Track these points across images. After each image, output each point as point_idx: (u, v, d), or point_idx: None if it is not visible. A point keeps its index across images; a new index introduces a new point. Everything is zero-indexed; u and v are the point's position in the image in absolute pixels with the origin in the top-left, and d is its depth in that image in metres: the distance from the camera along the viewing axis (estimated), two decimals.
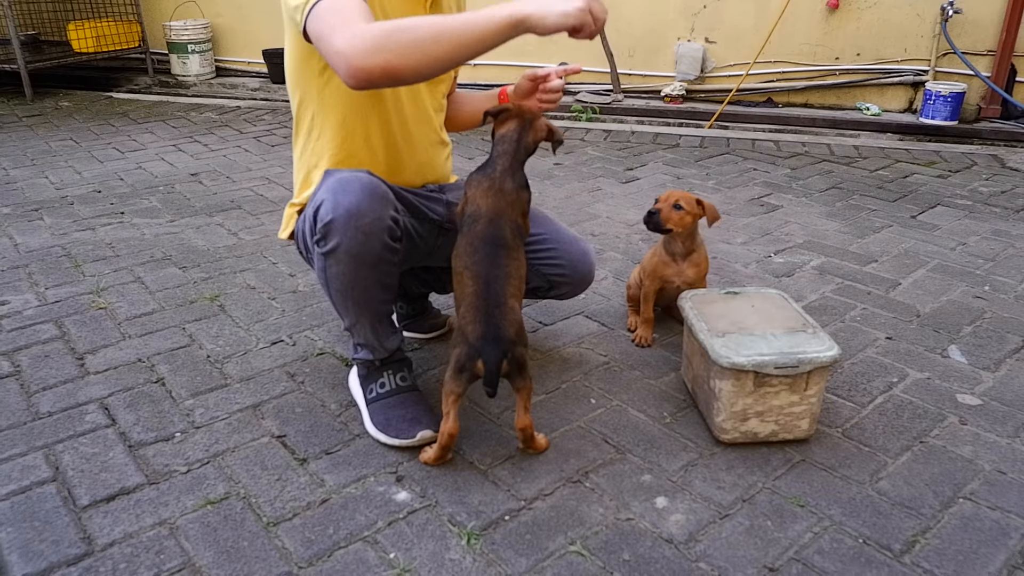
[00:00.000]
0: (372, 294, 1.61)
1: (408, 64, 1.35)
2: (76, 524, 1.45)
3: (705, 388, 1.72)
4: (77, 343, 2.11)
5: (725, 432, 1.66)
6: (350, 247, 1.52)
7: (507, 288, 1.54)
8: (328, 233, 1.52)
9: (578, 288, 1.93)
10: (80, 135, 4.52)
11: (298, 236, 1.75)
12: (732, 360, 1.58)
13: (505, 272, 1.56)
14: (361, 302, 1.62)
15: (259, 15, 5.89)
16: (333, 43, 1.37)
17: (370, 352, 1.73)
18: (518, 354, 1.52)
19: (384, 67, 1.34)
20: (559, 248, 1.85)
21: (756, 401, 1.62)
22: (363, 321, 1.66)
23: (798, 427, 1.66)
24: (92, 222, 3.06)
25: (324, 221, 1.51)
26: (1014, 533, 1.43)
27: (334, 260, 1.54)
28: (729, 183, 3.59)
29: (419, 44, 1.35)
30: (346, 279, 1.57)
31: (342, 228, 1.50)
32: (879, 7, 4.43)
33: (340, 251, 1.52)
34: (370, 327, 1.68)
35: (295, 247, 1.82)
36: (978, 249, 2.77)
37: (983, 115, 4.34)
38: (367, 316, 1.65)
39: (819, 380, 1.62)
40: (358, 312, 1.64)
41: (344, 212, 1.49)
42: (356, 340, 1.73)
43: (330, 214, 1.50)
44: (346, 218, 1.49)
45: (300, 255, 1.81)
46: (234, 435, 1.72)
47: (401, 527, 1.45)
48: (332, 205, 1.50)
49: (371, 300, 1.62)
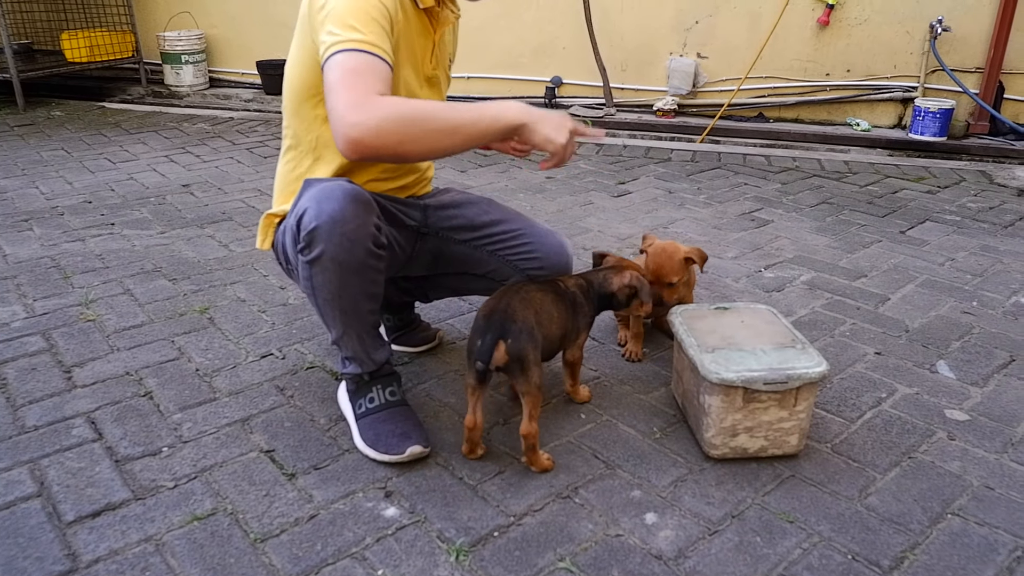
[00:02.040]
0: (359, 303, 1.61)
1: (415, 150, 1.42)
2: (61, 540, 1.44)
3: (695, 403, 1.72)
4: (65, 356, 2.10)
5: (714, 448, 1.66)
6: (336, 254, 1.52)
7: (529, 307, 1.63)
8: (313, 240, 1.52)
9: None
10: (72, 145, 4.51)
11: (278, 247, 1.75)
12: (721, 376, 1.58)
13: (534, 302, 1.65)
14: (348, 311, 1.62)
15: (253, 26, 5.90)
16: (344, 111, 1.38)
17: (358, 365, 1.72)
18: (521, 347, 1.54)
19: (391, 148, 1.40)
20: (535, 242, 1.86)
21: (745, 417, 1.62)
22: (350, 332, 1.66)
23: (787, 443, 1.66)
24: (82, 233, 3.05)
25: (308, 228, 1.51)
26: (1002, 549, 1.43)
27: (320, 268, 1.54)
28: (720, 197, 3.61)
29: (432, 135, 1.41)
30: (332, 287, 1.57)
31: (327, 235, 1.50)
32: (869, 24, 4.48)
33: (325, 258, 1.52)
34: (357, 338, 1.67)
35: (275, 258, 1.83)
36: (966, 265, 2.79)
37: (971, 131, 4.38)
38: (354, 326, 1.65)
39: (808, 396, 1.62)
40: (345, 322, 1.64)
41: (328, 218, 1.49)
42: (344, 353, 1.72)
43: (314, 221, 1.50)
44: (331, 224, 1.49)
45: (280, 266, 1.82)
46: (222, 450, 1.71)
47: (390, 543, 1.44)
48: (316, 212, 1.50)
49: (358, 309, 1.62)
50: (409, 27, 1.62)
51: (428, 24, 1.68)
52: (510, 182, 3.83)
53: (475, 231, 1.87)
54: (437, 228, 1.87)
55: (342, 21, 1.45)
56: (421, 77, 1.71)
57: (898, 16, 4.39)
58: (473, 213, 1.88)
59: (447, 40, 1.81)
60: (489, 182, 3.82)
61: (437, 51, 1.73)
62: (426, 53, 1.71)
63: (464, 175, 3.93)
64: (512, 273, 1.87)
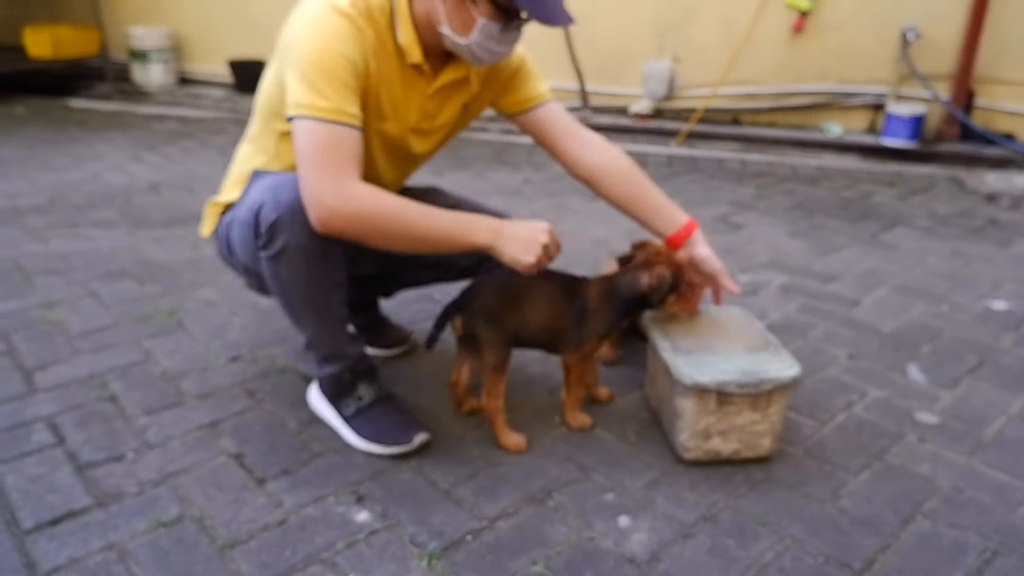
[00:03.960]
0: (328, 293, 1.61)
1: (381, 244, 1.50)
2: (19, 549, 1.39)
3: (669, 406, 1.72)
4: (26, 359, 2.04)
5: (688, 450, 1.66)
6: (300, 242, 1.51)
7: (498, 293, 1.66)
8: (275, 233, 1.51)
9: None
10: (34, 143, 4.41)
11: (221, 237, 1.73)
12: (695, 379, 1.58)
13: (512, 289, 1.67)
14: (319, 303, 1.61)
15: (226, 24, 5.82)
16: (317, 188, 1.43)
17: (336, 362, 1.70)
18: (474, 324, 1.65)
19: (358, 236, 1.47)
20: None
21: (719, 420, 1.62)
22: (323, 327, 1.65)
23: (760, 445, 1.66)
24: (45, 233, 2.97)
25: (269, 222, 1.50)
26: (971, 551, 1.44)
27: (286, 260, 1.53)
28: (696, 201, 3.63)
29: (399, 238, 1.49)
30: (301, 278, 1.56)
31: (289, 224, 1.49)
32: (842, 31, 4.53)
33: (291, 248, 1.51)
34: (330, 333, 1.67)
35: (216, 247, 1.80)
36: (937, 269, 2.82)
37: (942, 137, 4.45)
38: (327, 320, 1.64)
39: (780, 399, 1.62)
40: (318, 317, 1.62)
41: (288, 208, 1.49)
42: (320, 354, 1.70)
43: (274, 213, 1.49)
44: (291, 213, 1.49)
45: (221, 256, 1.79)
46: (189, 454, 1.67)
47: (361, 548, 1.42)
48: (274, 204, 1.49)
49: (328, 300, 1.62)
50: (392, 78, 1.58)
51: (419, 79, 1.62)
52: (486, 184, 3.82)
53: None
54: None
55: (307, 79, 1.43)
56: (405, 129, 1.66)
57: (870, 23, 4.45)
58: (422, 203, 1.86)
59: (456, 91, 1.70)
60: (465, 184, 3.80)
61: (429, 106, 1.67)
62: (414, 105, 1.65)
63: (440, 178, 3.90)
64: (462, 258, 1.84)
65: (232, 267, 1.79)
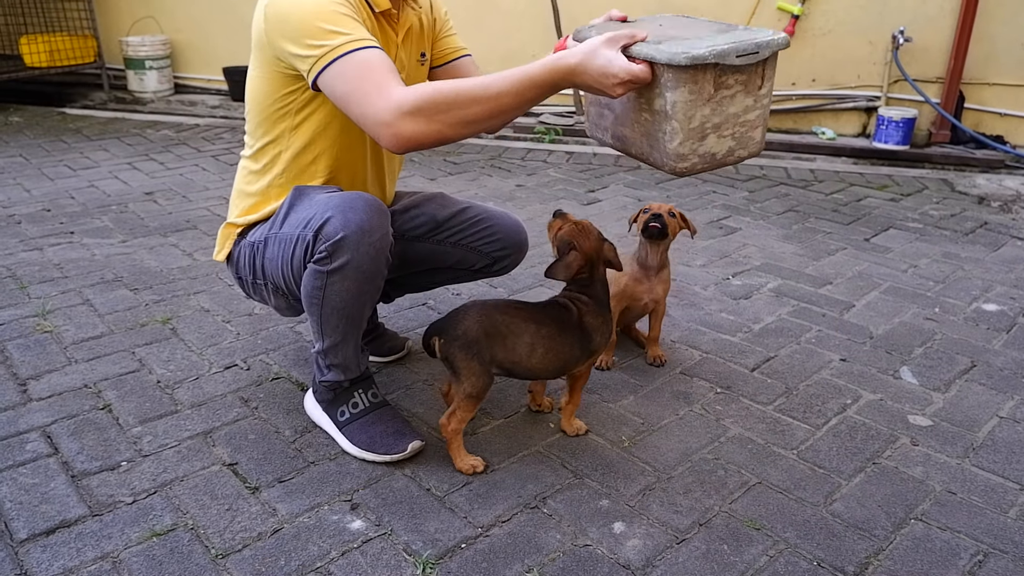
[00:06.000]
0: (364, 311, 1.63)
1: (465, 126, 1.40)
2: (12, 559, 1.39)
3: (645, 118, 1.49)
4: (20, 368, 2.04)
5: (683, 159, 1.45)
6: (361, 263, 1.52)
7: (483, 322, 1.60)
8: (338, 251, 1.51)
9: (518, 258, 1.98)
10: (30, 152, 4.41)
11: (238, 260, 1.74)
12: (691, 54, 1.35)
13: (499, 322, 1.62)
14: (355, 319, 1.62)
15: (220, 32, 5.82)
16: (374, 113, 1.38)
17: (342, 372, 1.71)
18: (451, 352, 1.58)
19: (438, 128, 1.39)
20: (494, 224, 1.90)
21: (713, 111, 1.44)
22: (348, 340, 1.66)
23: (752, 139, 1.52)
24: (40, 242, 2.97)
25: (334, 239, 1.50)
26: (964, 553, 1.45)
27: (340, 277, 1.53)
28: (689, 205, 3.64)
29: (478, 102, 1.39)
30: (349, 295, 1.57)
31: (355, 245, 1.50)
32: (833, 35, 4.55)
33: (350, 268, 1.52)
34: (353, 346, 1.68)
35: (231, 272, 1.79)
36: (929, 271, 2.83)
37: (933, 140, 4.47)
38: (353, 334, 1.66)
39: (771, 74, 1.47)
40: (346, 330, 1.63)
41: (357, 229, 1.49)
42: (330, 361, 1.70)
43: (341, 231, 1.49)
44: (359, 235, 1.50)
45: (238, 279, 1.79)
46: (183, 463, 1.67)
47: (355, 557, 1.42)
48: (342, 222, 1.49)
49: (362, 316, 1.64)
50: (374, 33, 1.61)
51: (388, 28, 1.67)
52: (480, 190, 3.82)
53: (439, 226, 1.88)
54: (402, 231, 1.86)
55: (317, 29, 1.43)
56: None
57: (861, 27, 4.47)
58: (433, 209, 1.90)
59: (413, 39, 1.75)
60: (459, 190, 3.80)
61: (401, 55, 1.71)
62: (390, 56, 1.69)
63: (434, 183, 3.91)
64: (477, 259, 1.91)
65: (253, 291, 1.76)
